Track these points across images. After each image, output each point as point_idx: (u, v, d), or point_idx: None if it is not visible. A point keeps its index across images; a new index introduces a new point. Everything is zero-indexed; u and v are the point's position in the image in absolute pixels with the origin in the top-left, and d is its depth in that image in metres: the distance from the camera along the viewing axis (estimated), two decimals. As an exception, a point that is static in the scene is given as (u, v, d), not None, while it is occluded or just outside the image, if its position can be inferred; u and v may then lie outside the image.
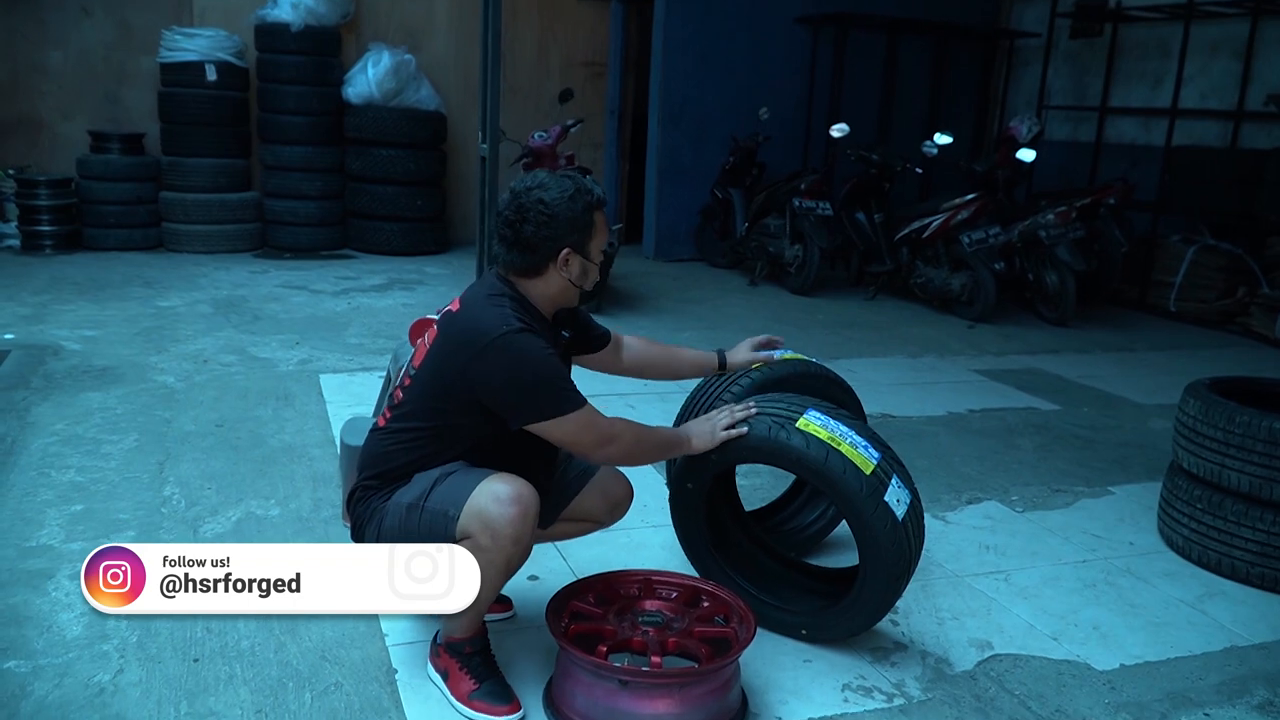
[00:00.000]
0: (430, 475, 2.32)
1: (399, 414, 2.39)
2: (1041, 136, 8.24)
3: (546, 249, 2.34)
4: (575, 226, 2.35)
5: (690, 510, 2.78)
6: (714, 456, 2.60)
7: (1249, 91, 7.77)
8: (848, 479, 2.45)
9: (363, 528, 2.41)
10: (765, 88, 9.19)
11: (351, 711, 2.32)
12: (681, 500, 2.78)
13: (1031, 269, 7.49)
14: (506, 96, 9.67)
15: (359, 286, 7.49)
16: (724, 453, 2.58)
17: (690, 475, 2.70)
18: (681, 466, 2.71)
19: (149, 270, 7.61)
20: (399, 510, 2.32)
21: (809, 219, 7.75)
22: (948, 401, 5.28)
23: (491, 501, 2.20)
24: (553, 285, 2.40)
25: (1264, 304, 7.31)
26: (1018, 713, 2.51)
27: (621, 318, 6.84)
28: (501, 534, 2.20)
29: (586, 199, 2.35)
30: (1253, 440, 3.19)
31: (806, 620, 2.73)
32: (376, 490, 2.39)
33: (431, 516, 2.26)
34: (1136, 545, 3.60)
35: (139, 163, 8.46)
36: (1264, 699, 2.65)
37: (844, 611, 2.65)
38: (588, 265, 2.41)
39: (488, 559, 2.20)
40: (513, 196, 2.35)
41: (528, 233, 2.32)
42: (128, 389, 4.66)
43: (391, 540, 2.31)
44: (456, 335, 2.32)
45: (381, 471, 2.38)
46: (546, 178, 2.37)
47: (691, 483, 2.71)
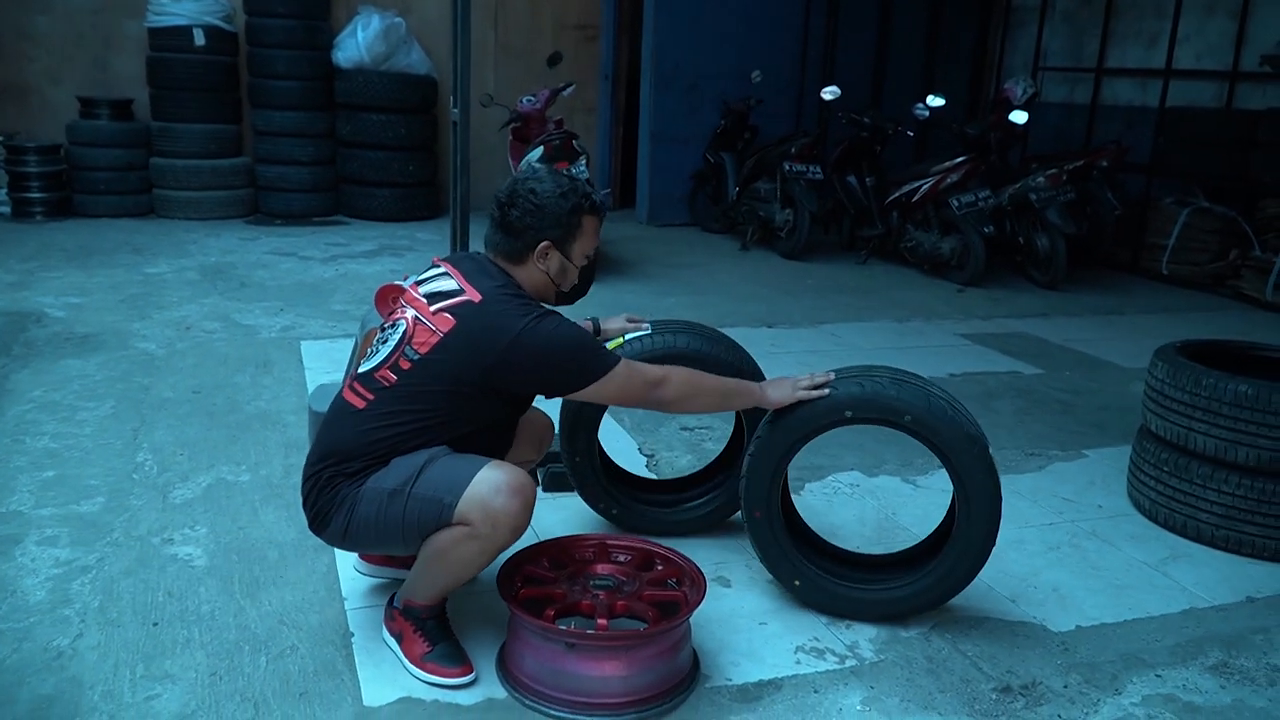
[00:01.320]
0: (414, 460, 2.27)
1: (391, 396, 2.31)
2: (1037, 98, 8.16)
3: (528, 237, 2.40)
4: (559, 222, 2.41)
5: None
6: (803, 417, 2.59)
7: (1244, 52, 7.66)
8: (953, 421, 2.52)
9: (328, 517, 2.33)
10: (758, 50, 9.10)
11: (305, 675, 2.35)
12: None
13: (1022, 232, 7.45)
14: (499, 57, 9.65)
15: (348, 253, 7.49)
16: (814, 415, 2.58)
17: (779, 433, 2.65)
18: (767, 427, 2.67)
19: (139, 237, 7.61)
20: (378, 497, 2.26)
21: (799, 183, 7.71)
22: (930, 365, 5.26)
23: (494, 492, 2.20)
24: (532, 276, 2.44)
25: (1256, 267, 7.27)
26: (968, 673, 2.53)
27: (608, 283, 6.83)
28: (502, 524, 2.21)
29: (578, 200, 2.42)
30: (1219, 403, 3.19)
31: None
32: (348, 475, 2.30)
33: (421, 503, 2.22)
34: (1105, 508, 3.61)
35: (129, 128, 8.44)
36: (1218, 660, 2.67)
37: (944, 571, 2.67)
38: (566, 265, 2.46)
39: (481, 547, 2.23)
40: (511, 182, 2.45)
41: (513, 217, 2.40)
42: (108, 356, 4.69)
43: (365, 529, 2.29)
44: (480, 332, 2.29)
45: (357, 456, 2.30)
46: (548, 173, 2.47)
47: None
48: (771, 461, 2.64)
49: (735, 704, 2.35)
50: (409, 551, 2.35)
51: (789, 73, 9.33)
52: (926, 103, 7.79)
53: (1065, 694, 2.47)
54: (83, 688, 2.27)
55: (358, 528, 2.30)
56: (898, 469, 3.85)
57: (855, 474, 3.78)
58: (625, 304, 6.28)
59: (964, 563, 2.63)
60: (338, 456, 2.32)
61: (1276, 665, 2.65)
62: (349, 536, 2.33)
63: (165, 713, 2.20)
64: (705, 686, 2.40)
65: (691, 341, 2.94)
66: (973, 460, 2.54)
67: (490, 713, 2.26)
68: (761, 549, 2.72)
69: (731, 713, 2.32)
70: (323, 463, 2.34)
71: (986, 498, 2.56)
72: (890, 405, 2.53)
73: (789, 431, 2.61)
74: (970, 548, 2.61)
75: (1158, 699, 2.47)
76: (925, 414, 2.52)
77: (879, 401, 2.54)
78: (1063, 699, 2.45)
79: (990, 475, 2.56)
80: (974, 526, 2.58)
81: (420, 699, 2.29)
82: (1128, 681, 2.54)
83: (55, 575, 2.74)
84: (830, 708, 2.36)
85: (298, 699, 2.27)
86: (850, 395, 2.56)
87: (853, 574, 2.78)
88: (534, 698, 2.26)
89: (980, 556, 2.63)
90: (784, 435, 2.62)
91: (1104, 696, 2.47)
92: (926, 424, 2.53)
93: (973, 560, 2.63)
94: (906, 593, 2.69)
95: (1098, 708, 2.43)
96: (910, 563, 2.82)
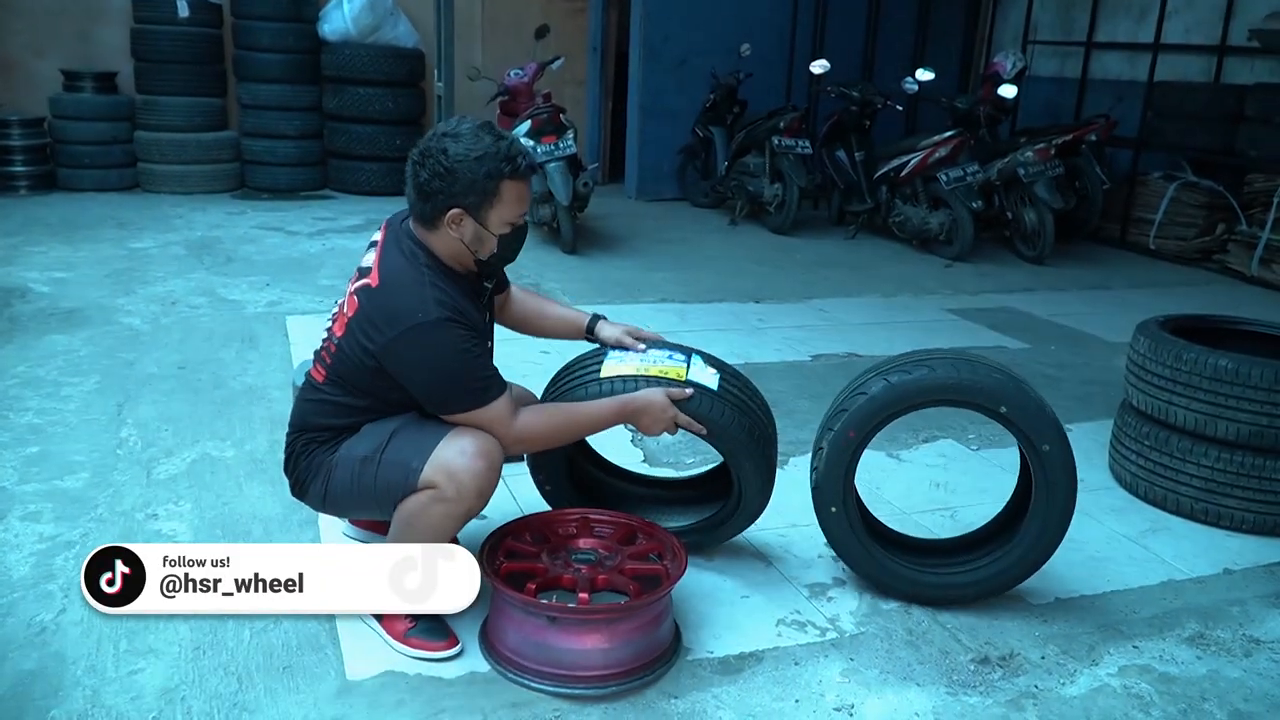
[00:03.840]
0: (385, 426, 2.30)
1: (333, 373, 2.35)
2: (1026, 72, 8.14)
3: (438, 202, 2.22)
4: (473, 189, 2.20)
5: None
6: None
7: (1232, 26, 7.64)
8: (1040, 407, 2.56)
9: (306, 485, 2.39)
10: (748, 23, 9.04)
11: (289, 648, 2.36)
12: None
13: (1010, 207, 7.45)
14: (486, 30, 9.57)
15: (335, 228, 7.46)
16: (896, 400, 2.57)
17: None
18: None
19: (124, 211, 7.56)
20: (350, 463, 2.30)
21: (788, 157, 7.69)
22: (916, 341, 5.25)
23: (458, 455, 2.21)
24: (446, 243, 2.28)
25: (1242, 241, 7.28)
26: (947, 645, 2.56)
27: (595, 258, 6.82)
28: (467, 487, 2.22)
29: (497, 164, 2.19)
30: (1199, 377, 3.21)
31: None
32: (322, 443, 2.36)
33: (390, 468, 2.25)
34: (1087, 482, 3.57)
35: (113, 101, 8.36)
36: (1194, 631, 2.70)
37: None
38: (483, 233, 2.26)
39: (448, 510, 2.23)
40: (426, 137, 2.26)
41: (422, 179, 2.22)
42: (93, 331, 4.67)
43: (342, 495, 2.35)
44: (375, 312, 2.24)
45: (325, 425, 2.36)
46: (468, 129, 2.23)
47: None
48: (846, 455, 2.61)
49: (716, 676, 2.37)
50: (386, 517, 2.37)
51: (778, 46, 9.27)
52: (916, 76, 7.76)
53: (1042, 665, 2.50)
54: (66, 663, 2.28)
55: (335, 494, 2.36)
56: (880, 444, 3.84)
57: (839, 448, 3.79)
58: (613, 279, 6.29)
59: (1041, 544, 2.64)
60: (309, 426, 2.39)
61: (1252, 636, 2.68)
62: (328, 502, 2.40)
63: (149, 687, 2.21)
64: (687, 659, 2.42)
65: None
66: (1059, 447, 2.55)
67: (473, 686, 2.28)
68: (837, 543, 2.71)
69: (713, 684, 2.34)
70: (296, 432, 2.41)
71: (1067, 480, 2.58)
72: (986, 391, 2.53)
73: (869, 418, 2.58)
74: (1048, 530, 2.62)
75: (1134, 669, 2.50)
76: (1019, 402, 2.53)
77: (974, 386, 2.53)
78: (1040, 670, 2.48)
79: (1071, 459, 2.58)
80: (1053, 509, 2.59)
81: (404, 672, 2.30)
82: (1105, 652, 2.57)
83: (39, 550, 2.74)
84: (810, 679, 2.38)
85: (281, 672, 2.28)
86: (948, 379, 2.54)
87: (925, 560, 2.78)
88: (517, 671, 2.28)
89: (1059, 538, 2.64)
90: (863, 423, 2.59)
91: (1081, 667, 2.50)
92: (1019, 412, 2.53)
93: (1050, 542, 2.64)
94: (983, 575, 2.69)
95: (1074, 678, 2.46)
96: (972, 548, 2.81)
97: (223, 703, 2.17)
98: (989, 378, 2.56)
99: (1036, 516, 2.62)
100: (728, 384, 2.59)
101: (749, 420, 2.57)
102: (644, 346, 2.61)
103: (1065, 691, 2.40)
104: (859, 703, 2.31)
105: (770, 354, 4.86)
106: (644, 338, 2.66)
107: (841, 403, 2.68)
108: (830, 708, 2.29)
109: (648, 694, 2.29)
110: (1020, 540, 2.65)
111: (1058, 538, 2.64)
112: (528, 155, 2.29)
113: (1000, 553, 2.69)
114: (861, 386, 2.65)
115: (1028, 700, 2.36)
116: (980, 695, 2.37)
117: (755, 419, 2.61)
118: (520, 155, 2.25)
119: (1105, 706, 2.35)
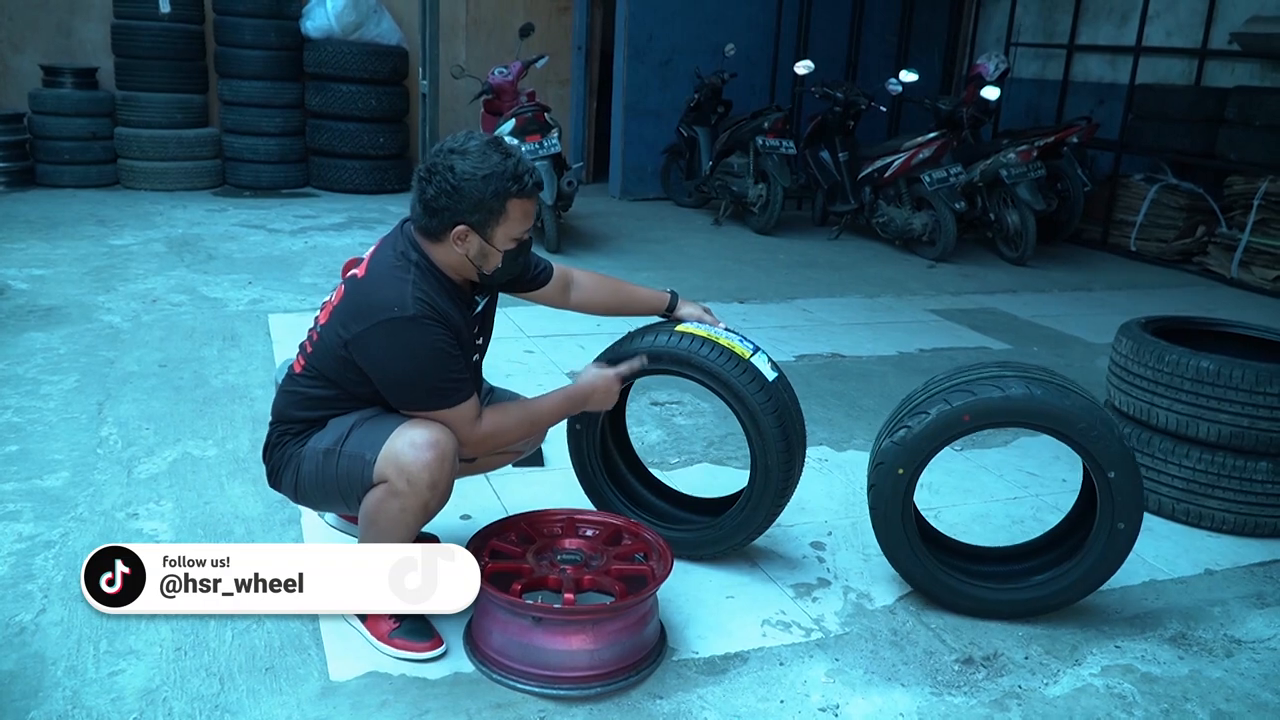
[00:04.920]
0: (347, 420, 2.33)
1: (311, 362, 2.37)
2: (1009, 74, 8.18)
3: (444, 218, 2.22)
4: (479, 207, 2.20)
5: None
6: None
7: (1213, 29, 7.71)
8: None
9: (279, 475, 2.43)
10: (732, 23, 9.06)
11: (271, 649, 2.35)
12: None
13: (993, 208, 7.48)
14: (470, 30, 9.55)
15: (318, 225, 7.41)
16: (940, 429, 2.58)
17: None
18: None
19: (104, 208, 7.49)
20: (315, 456, 2.33)
21: (772, 158, 7.69)
22: (899, 341, 5.31)
23: (408, 446, 2.21)
24: (450, 257, 2.28)
25: (1222, 243, 7.35)
26: (932, 645, 2.56)
27: (581, 257, 6.81)
28: (417, 479, 2.20)
29: (503, 184, 2.19)
30: (1181, 379, 3.23)
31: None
32: (293, 436, 2.40)
33: (349, 460, 2.27)
34: (1069, 483, 3.64)
35: (93, 97, 8.28)
36: (1176, 631, 2.72)
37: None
38: (488, 249, 2.26)
39: (403, 504, 2.22)
40: (433, 152, 2.26)
41: (429, 195, 2.22)
42: (72, 329, 4.62)
43: (309, 486, 2.38)
44: (354, 303, 2.26)
45: (296, 417, 2.39)
46: (476, 145, 2.22)
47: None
48: (915, 464, 2.62)
49: (701, 676, 2.37)
50: (353, 512, 2.38)
51: (763, 46, 9.29)
52: (900, 78, 7.78)
53: (1026, 665, 2.51)
54: (46, 663, 2.25)
55: (304, 486, 2.39)
56: (866, 444, 3.86)
57: (825, 448, 3.80)
58: (597, 278, 6.27)
59: (1108, 561, 2.63)
60: (284, 418, 2.42)
61: (1233, 637, 2.70)
62: (300, 494, 2.43)
63: (129, 688, 2.19)
64: (672, 659, 2.42)
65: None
66: (1127, 469, 2.54)
67: (458, 687, 2.27)
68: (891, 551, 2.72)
69: (698, 685, 2.34)
70: (273, 422, 2.44)
71: (1137, 499, 2.57)
72: (1061, 415, 2.51)
73: (928, 439, 2.59)
74: (1116, 546, 2.60)
75: (1117, 669, 2.52)
76: (1090, 422, 2.50)
77: (1050, 410, 2.51)
78: (1024, 670, 2.49)
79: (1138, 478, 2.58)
80: (1121, 521, 2.57)
81: (387, 673, 2.29)
82: (1088, 653, 2.58)
83: (18, 550, 2.71)
84: (795, 679, 2.38)
85: (263, 673, 2.26)
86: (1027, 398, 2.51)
87: (984, 571, 2.78)
88: (501, 671, 2.27)
89: (1125, 554, 2.63)
90: (927, 441, 2.60)
91: (1064, 667, 2.51)
92: (1090, 435, 2.51)
93: (1117, 558, 2.63)
94: (1045, 592, 2.68)
95: (1057, 678, 2.47)
96: (1026, 558, 2.83)
97: (204, 704, 2.15)
98: (1064, 401, 2.52)
99: (1099, 539, 2.60)
100: (781, 386, 2.68)
101: (787, 423, 2.65)
102: (722, 324, 2.73)
103: (1049, 692, 2.41)
104: (844, 703, 2.31)
105: (755, 354, 4.86)
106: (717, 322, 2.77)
107: (917, 405, 2.68)
108: (815, 708, 2.29)
109: (633, 695, 2.28)
110: (1083, 560, 2.63)
111: (1118, 563, 2.64)
112: (535, 172, 2.29)
113: (1060, 570, 2.68)
114: (922, 405, 2.65)
115: (1011, 700, 2.37)
116: (965, 695, 2.38)
117: (793, 426, 2.69)
118: (528, 173, 2.25)
119: (1088, 706, 2.36)
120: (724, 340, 2.65)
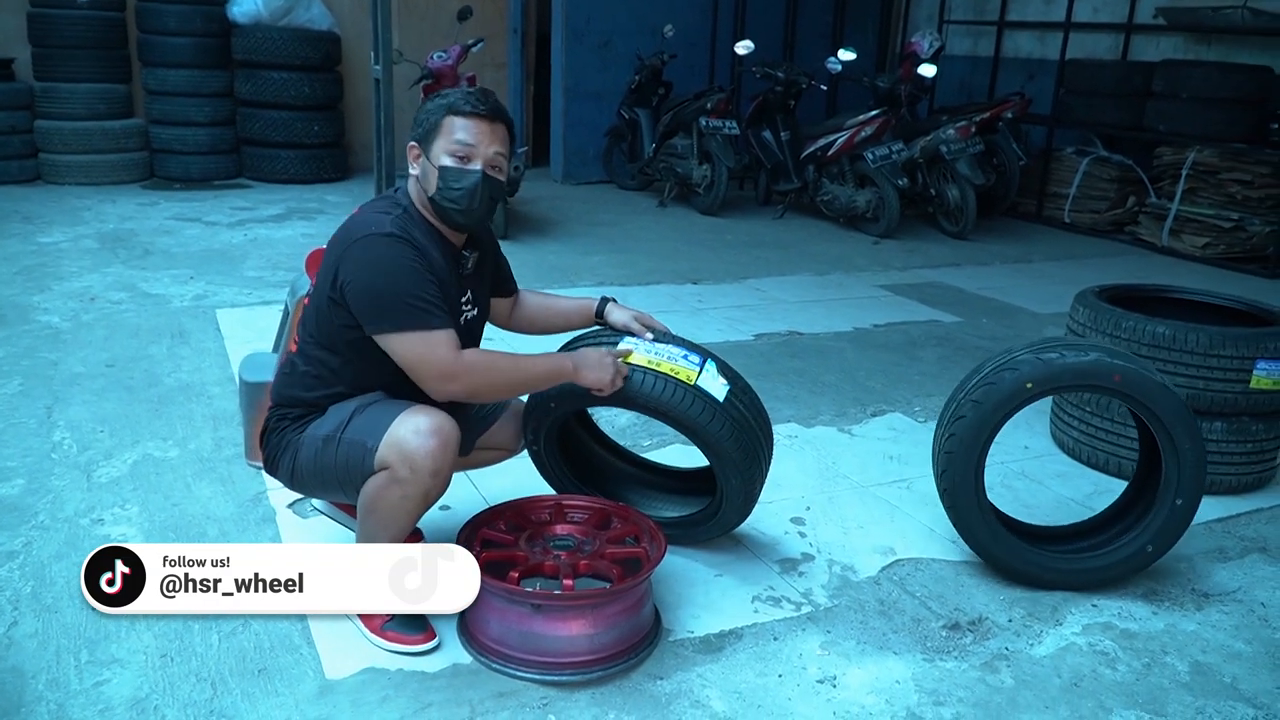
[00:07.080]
0: (348, 406, 2.30)
1: (306, 335, 2.37)
2: (943, 51, 8.29)
3: (410, 143, 2.35)
4: (423, 121, 2.31)
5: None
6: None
7: (1138, 4, 7.91)
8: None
9: (276, 461, 2.39)
10: (670, 4, 9.04)
11: (261, 650, 2.29)
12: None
13: (934, 184, 7.60)
14: (402, 16, 9.34)
15: (256, 217, 7.23)
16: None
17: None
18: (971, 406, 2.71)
19: (27, 204, 7.21)
20: (314, 443, 2.30)
21: (716, 138, 7.71)
22: (853, 317, 5.38)
23: (411, 433, 2.17)
24: (412, 185, 2.36)
25: (1152, 213, 7.57)
26: (919, 613, 2.61)
27: (528, 243, 6.75)
28: (421, 466, 2.17)
29: (446, 99, 2.30)
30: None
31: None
32: (292, 422, 2.36)
33: (349, 447, 2.24)
34: (1031, 449, 3.75)
35: (9, 89, 7.93)
36: (1147, 589, 2.80)
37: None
38: (428, 167, 2.29)
39: (405, 491, 2.19)
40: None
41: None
42: (9, 331, 4.44)
43: (307, 474, 2.35)
44: (338, 238, 2.31)
45: (296, 398, 2.36)
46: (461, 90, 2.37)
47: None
48: (979, 443, 2.67)
49: (699, 655, 2.38)
50: (351, 500, 2.34)
51: (701, 27, 9.29)
52: (839, 56, 7.85)
53: (1010, 627, 2.57)
54: (25, 677, 2.17)
55: (302, 473, 2.36)
56: (833, 419, 3.92)
57: (793, 425, 3.83)
58: (549, 263, 6.24)
59: (1178, 518, 2.72)
60: (283, 400, 2.39)
61: (1201, 590, 2.80)
62: (296, 481, 2.40)
63: (117, 698, 2.12)
64: (669, 640, 2.42)
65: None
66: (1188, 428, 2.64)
67: (457, 678, 2.24)
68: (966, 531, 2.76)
69: (696, 664, 2.34)
70: (273, 406, 2.41)
71: (1198, 454, 2.66)
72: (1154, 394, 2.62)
73: (994, 411, 2.64)
74: (1185, 503, 2.70)
75: (1096, 627, 2.59)
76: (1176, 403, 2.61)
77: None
78: (1009, 632, 2.55)
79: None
80: (1185, 480, 2.68)
81: (384, 669, 2.25)
82: (1067, 613, 2.65)
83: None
84: (791, 653, 2.41)
85: (256, 675, 2.21)
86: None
87: (1054, 545, 2.83)
88: (501, 661, 2.25)
89: (1194, 509, 2.72)
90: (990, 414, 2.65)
91: (1046, 628, 2.58)
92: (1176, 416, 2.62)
93: (1187, 514, 2.72)
94: (1120, 556, 2.75)
95: (1041, 639, 2.53)
96: (1098, 530, 2.89)
97: (198, 710, 2.09)
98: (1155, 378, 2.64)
99: (1164, 504, 2.71)
100: (735, 398, 2.49)
101: (747, 439, 2.49)
102: (650, 336, 2.53)
103: (1035, 652, 2.47)
104: (840, 674, 2.34)
105: (714, 334, 4.88)
106: (653, 326, 2.59)
107: (987, 376, 2.76)
108: (813, 680, 2.32)
109: (634, 677, 2.28)
110: (1149, 525, 2.73)
111: (1186, 523, 2.75)
112: (489, 102, 2.31)
113: (1129, 537, 2.77)
114: (1010, 362, 2.75)
115: (1001, 662, 2.42)
116: (955, 660, 2.42)
117: (754, 438, 2.52)
118: (478, 99, 2.30)
119: (1075, 664, 2.43)
120: (666, 366, 2.43)
